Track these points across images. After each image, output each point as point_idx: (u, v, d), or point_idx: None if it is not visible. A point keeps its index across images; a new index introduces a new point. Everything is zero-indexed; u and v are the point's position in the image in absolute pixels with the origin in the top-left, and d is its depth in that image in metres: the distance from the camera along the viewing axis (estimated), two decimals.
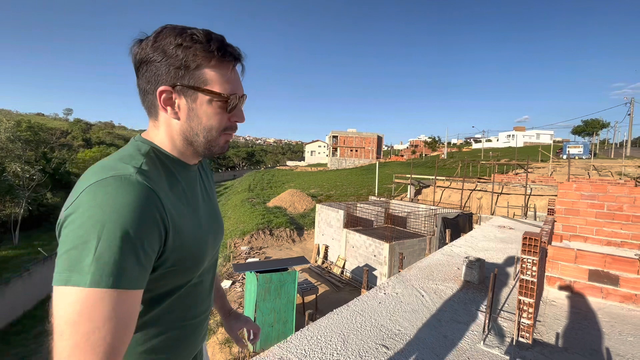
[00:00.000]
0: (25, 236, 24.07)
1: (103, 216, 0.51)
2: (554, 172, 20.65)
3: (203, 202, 0.76)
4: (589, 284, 3.23)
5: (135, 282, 0.53)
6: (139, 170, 0.58)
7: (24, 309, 14.32)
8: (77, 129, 76.97)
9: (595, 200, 5.71)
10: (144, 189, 0.55)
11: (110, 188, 0.53)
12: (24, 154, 27.23)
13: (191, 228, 0.66)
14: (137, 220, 0.52)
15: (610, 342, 2.39)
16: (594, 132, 49.21)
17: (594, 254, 3.24)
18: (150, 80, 0.64)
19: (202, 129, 0.67)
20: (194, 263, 0.68)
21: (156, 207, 0.56)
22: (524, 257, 2.38)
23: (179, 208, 0.64)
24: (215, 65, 0.65)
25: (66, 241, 0.52)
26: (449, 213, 11.62)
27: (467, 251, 4.97)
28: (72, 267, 0.50)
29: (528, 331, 2.34)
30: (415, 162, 43.61)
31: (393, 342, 2.28)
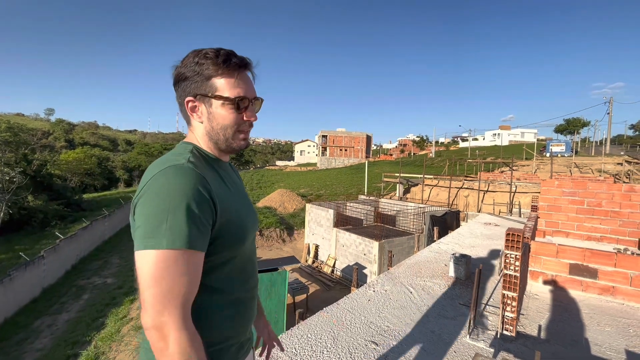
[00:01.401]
0: (5, 240, 23.26)
1: (169, 195, 0.66)
2: (537, 170, 21.21)
3: (237, 191, 0.90)
4: (569, 278, 3.35)
5: (199, 244, 0.68)
6: (188, 161, 0.74)
7: (5, 316, 13.83)
8: (60, 130, 74.71)
9: (576, 197, 5.91)
10: (195, 173, 0.70)
11: (170, 175, 0.68)
12: (3, 156, 26.29)
13: (234, 208, 0.80)
14: (194, 196, 0.67)
15: (589, 332, 2.49)
16: (575, 130, 50.75)
17: (574, 249, 3.36)
18: (181, 94, 0.82)
19: (220, 128, 0.82)
20: (240, 237, 0.81)
21: (205, 188, 0.70)
22: (507, 252, 2.46)
23: (221, 191, 0.78)
24: (223, 74, 0.79)
25: (142, 216, 0.66)
26: (436, 211, 11.81)
27: (454, 248, 5.07)
28: (151, 234, 0.64)
29: (512, 324, 2.41)
30: (404, 161, 44.06)
31: (382, 339, 2.31)
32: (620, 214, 5.42)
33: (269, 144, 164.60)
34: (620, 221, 5.40)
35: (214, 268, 0.77)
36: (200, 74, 0.79)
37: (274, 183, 35.33)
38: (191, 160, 0.74)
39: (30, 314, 14.40)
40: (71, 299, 15.75)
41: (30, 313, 14.47)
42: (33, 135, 44.51)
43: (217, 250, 0.76)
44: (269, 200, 22.85)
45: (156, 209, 0.65)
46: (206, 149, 0.85)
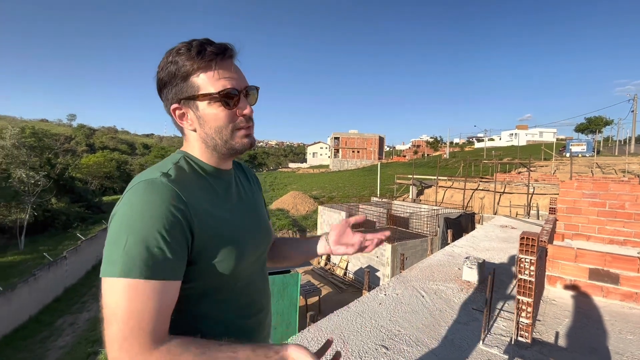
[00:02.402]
0: (30, 241, 24.26)
1: (132, 215, 0.59)
2: (557, 171, 20.55)
3: (241, 205, 0.80)
4: (589, 283, 3.23)
5: (165, 273, 0.59)
6: (164, 174, 0.65)
7: (30, 314, 14.42)
8: (81, 135, 77.61)
9: (596, 199, 5.70)
10: (167, 189, 0.62)
11: (139, 192, 0.61)
12: (28, 160, 27.45)
13: (223, 224, 0.71)
14: (160, 216, 0.59)
15: (610, 340, 2.39)
16: (597, 129, 48.90)
17: (594, 253, 3.24)
18: (166, 104, 0.73)
19: (214, 131, 0.72)
20: (233, 257, 0.70)
21: (178, 204, 0.62)
22: (522, 256, 2.40)
23: (208, 206, 0.69)
24: (200, 68, 0.68)
25: (108, 237, 0.60)
26: (451, 213, 11.60)
27: (468, 251, 4.97)
28: (108, 259, 0.57)
29: (527, 330, 2.35)
30: (417, 163, 43.53)
31: (393, 343, 2.30)
32: None
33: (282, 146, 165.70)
34: None
35: (200, 292, 0.69)
36: (177, 75, 0.68)
37: (286, 185, 35.54)
38: (168, 174, 0.66)
39: (54, 312, 14.98)
40: (91, 299, 16.29)
41: (53, 312, 15.05)
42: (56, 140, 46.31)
43: (203, 272, 0.68)
44: (281, 202, 22.99)
45: (116, 229, 0.59)
46: (202, 159, 0.75)
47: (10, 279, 15.93)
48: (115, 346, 0.55)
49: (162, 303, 0.59)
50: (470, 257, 3.66)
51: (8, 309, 13.18)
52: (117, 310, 0.55)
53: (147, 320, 0.56)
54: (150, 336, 0.56)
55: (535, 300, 2.60)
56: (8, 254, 21.35)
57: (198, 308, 0.70)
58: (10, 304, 13.34)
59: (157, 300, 0.58)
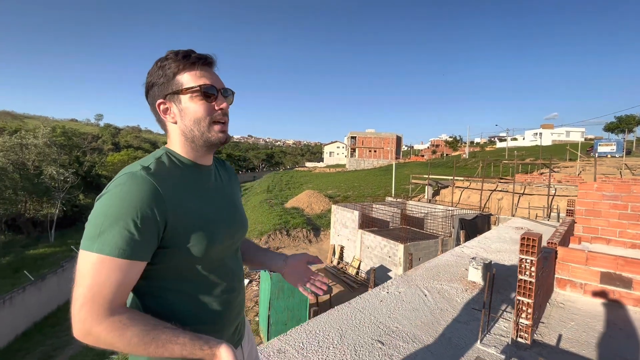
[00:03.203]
0: (60, 235, 25.61)
1: (112, 202, 0.68)
2: (582, 172, 19.65)
3: (218, 197, 0.88)
4: (600, 287, 3.14)
5: (132, 254, 0.67)
6: (144, 168, 0.74)
7: (58, 303, 15.27)
8: (107, 134, 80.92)
9: (618, 201, 5.48)
10: (145, 182, 0.71)
11: (121, 183, 0.70)
12: (59, 158, 28.96)
13: (197, 213, 0.78)
14: (135, 207, 0.68)
15: (615, 344, 2.33)
16: (628, 128, 46.25)
17: (606, 256, 3.14)
18: (152, 101, 0.83)
19: (193, 123, 0.81)
20: (204, 242, 0.78)
21: (154, 198, 0.70)
22: (522, 257, 2.37)
23: (184, 197, 0.77)
24: (185, 69, 0.80)
25: (91, 215, 0.69)
26: (466, 214, 11.35)
27: (478, 252, 4.90)
28: (87, 237, 0.67)
29: (527, 331, 2.32)
30: (435, 163, 42.70)
31: (389, 339, 2.33)
32: None
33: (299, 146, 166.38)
34: None
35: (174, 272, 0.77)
36: (165, 75, 0.79)
37: (302, 184, 35.75)
38: (148, 167, 0.74)
39: None
40: None
41: None
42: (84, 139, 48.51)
43: (175, 255, 0.75)
44: (296, 201, 23.19)
45: (98, 212, 0.67)
46: (183, 154, 0.84)
47: (41, 270, 16.90)
48: (77, 305, 0.65)
49: (124, 279, 0.67)
50: (476, 257, 3.62)
51: (38, 298, 14.02)
52: (86, 277, 0.66)
53: (107, 291, 0.66)
54: (106, 305, 0.65)
55: (537, 302, 2.57)
56: (39, 246, 22.63)
57: (172, 285, 0.78)
58: (40, 293, 14.17)
59: (119, 276, 0.67)
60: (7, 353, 11.66)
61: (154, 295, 0.77)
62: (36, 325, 13.51)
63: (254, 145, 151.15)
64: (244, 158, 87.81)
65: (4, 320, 12.01)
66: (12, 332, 12.42)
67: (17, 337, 12.54)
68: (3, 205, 23.18)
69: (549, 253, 3.17)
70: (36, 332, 13.10)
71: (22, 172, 26.06)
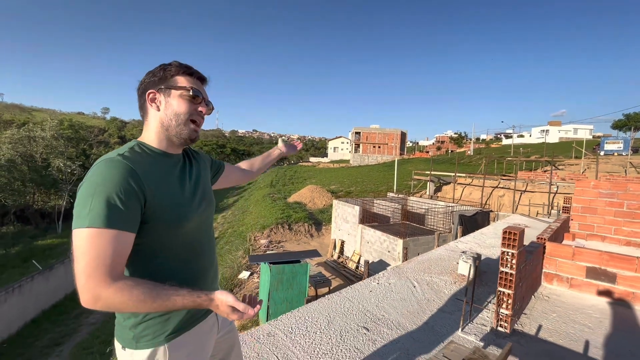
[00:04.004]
0: (67, 226, 26.07)
1: (95, 183, 0.78)
2: (587, 170, 19.49)
3: (188, 179, 1.00)
4: (586, 281, 3.22)
5: (120, 225, 0.77)
6: (120, 155, 0.85)
7: (65, 292, 15.65)
8: (114, 127, 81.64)
9: (614, 199, 5.52)
10: (121, 164, 0.81)
11: (102, 167, 0.81)
12: (66, 151, 29.37)
13: (169, 194, 0.90)
14: (117, 184, 0.78)
15: (593, 336, 2.42)
16: (636, 126, 45.53)
17: (591, 251, 3.21)
18: (143, 91, 0.96)
19: (173, 115, 0.94)
20: (177, 219, 0.90)
21: (131, 176, 0.81)
22: (504, 250, 2.46)
23: (157, 180, 0.88)
24: (184, 74, 0.96)
25: (77, 200, 0.79)
26: (467, 210, 11.40)
27: (472, 247, 4.99)
28: (78, 215, 0.77)
29: (506, 321, 2.43)
30: (440, 159, 42.52)
31: (374, 325, 2.45)
32: None
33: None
34: None
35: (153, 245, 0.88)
36: (165, 74, 0.94)
37: (306, 179, 35.86)
38: (124, 154, 0.85)
39: None
40: None
41: None
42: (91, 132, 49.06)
43: (153, 229, 0.86)
44: (299, 196, 23.33)
45: (84, 194, 0.77)
46: (155, 145, 0.95)
47: (49, 260, 17.31)
48: (83, 277, 0.74)
49: (118, 248, 0.78)
50: (467, 251, 3.71)
51: (46, 286, 14.39)
52: (85, 251, 0.74)
53: (107, 260, 0.75)
54: (109, 272, 0.75)
55: (519, 293, 2.66)
56: (47, 237, 23.11)
57: (153, 257, 0.89)
58: (48, 282, 14.54)
59: (114, 245, 0.77)
60: (17, 339, 12.05)
61: (141, 267, 0.88)
62: (44, 313, 13.90)
63: (259, 139, 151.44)
64: (249, 152, 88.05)
65: (14, 307, 12.38)
66: (21, 320, 12.80)
67: (26, 324, 12.92)
68: (12, 197, 23.66)
69: (536, 248, 3.26)
70: (44, 319, 13.49)
71: (30, 164, 26.50)
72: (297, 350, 2.09)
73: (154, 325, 0.89)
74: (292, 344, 2.16)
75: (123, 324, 0.90)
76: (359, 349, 2.13)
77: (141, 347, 0.88)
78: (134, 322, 0.88)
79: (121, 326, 0.91)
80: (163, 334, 0.90)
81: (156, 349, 0.89)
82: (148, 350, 0.88)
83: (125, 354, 0.90)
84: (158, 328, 0.89)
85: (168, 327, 0.91)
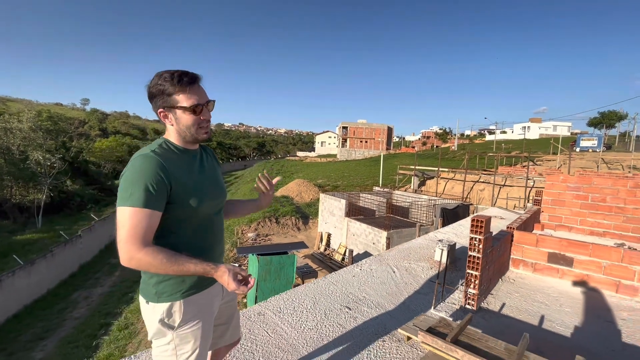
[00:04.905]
0: (48, 221, 25.38)
1: (134, 174, 1.01)
2: (563, 165, 20.40)
3: (203, 171, 1.21)
4: (547, 265, 3.56)
5: (152, 205, 1.01)
6: (152, 151, 1.07)
7: (48, 287, 15.38)
8: (94, 119, 79.01)
9: (580, 192, 5.93)
10: (155, 159, 1.04)
11: (139, 160, 1.03)
12: (45, 143, 28.39)
13: (189, 181, 1.12)
14: (150, 175, 1.01)
15: (548, 311, 2.74)
16: (611, 124, 47.65)
17: (552, 239, 3.55)
18: (155, 107, 1.14)
19: (185, 128, 1.14)
20: (195, 201, 1.11)
21: (161, 168, 1.03)
22: (472, 236, 2.74)
23: (179, 170, 1.10)
24: (179, 91, 1.09)
25: (121, 185, 1.02)
26: (448, 204, 11.85)
27: (450, 237, 5.30)
28: (122, 197, 1.00)
29: (473, 299, 2.71)
30: (425, 154, 43.36)
31: (356, 305, 2.69)
32: (625, 209, 5.43)
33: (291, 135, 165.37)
34: (624, 217, 5.42)
35: (176, 221, 1.10)
36: (164, 93, 1.09)
37: (293, 173, 35.94)
38: (156, 151, 1.08)
39: (69, 286, 15.92)
40: (105, 275, 17.20)
41: (69, 286, 15.98)
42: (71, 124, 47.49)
43: (177, 209, 1.09)
44: (286, 190, 23.47)
45: (127, 182, 1.00)
46: (176, 142, 1.17)
47: (29, 255, 16.91)
48: (123, 241, 0.97)
49: (150, 222, 1.01)
50: (443, 240, 4.00)
51: (28, 282, 14.11)
52: (125, 223, 0.98)
53: (141, 231, 0.98)
54: (141, 239, 0.98)
55: (486, 275, 2.95)
56: (27, 232, 22.45)
57: (174, 230, 1.12)
58: (30, 277, 14.25)
59: (147, 220, 1.00)
60: None
61: (165, 237, 1.10)
62: (26, 308, 13.66)
63: (245, 133, 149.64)
64: (235, 146, 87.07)
65: None
66: (2, 315, 12.56)
67: (7, 320, 12.69)
68: None
69: (504, 235, 3.57)
70: (27, 314, 13.26)
71: (7, 156, 25.56)
72: (285, 327, 2.30)
73: (172, 284, 1.11)
74: (281, 322, 2.37)
75: (148, 282, 1.11)
76: (341, 324, 2.36)
77: (162, 301, 1.10)
78: (157, 281, 1.10)
79: (146, 284, 1.12)
80: (179, 291, 1.12)
81: (173, 303, 1.11)
82: (167, 304, 1.10)
83: (148, 307, 1.11)
84: (175, 287, 1.11)
85: (183, 286, 1.13)
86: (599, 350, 2.19)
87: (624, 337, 2.36)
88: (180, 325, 1.12)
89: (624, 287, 3.12)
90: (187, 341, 1.13)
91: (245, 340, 2.11)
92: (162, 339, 1.12)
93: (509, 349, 1.63)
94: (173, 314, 1.11)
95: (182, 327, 1.12)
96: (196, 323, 1.15)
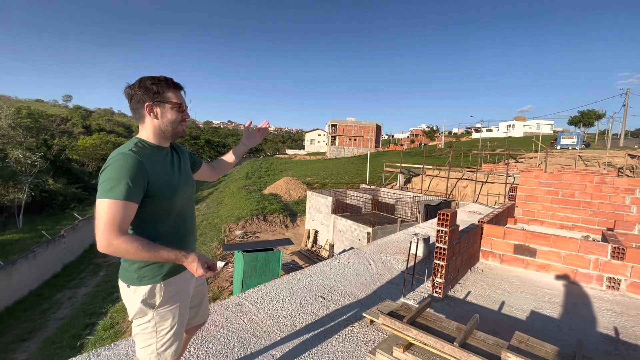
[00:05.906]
0: (29, 221, 24.75)
1: (114, 170, 1.11)
2: (542, 163, 21.08)
3: (175, 166, 1.34)
4: (513, 256, 3.78)
5: (130, 198, 1.12)
6: (130, 150, 1.18)
7: (30, 288, 15.07)
8: (77, 116, 76.82)
9: (551, 188, 6.23)
10: (133, 157, 1.15)
11: (119, 157, 1.14)
12: (25, 141, 27.59)
13: (164, 176, 1.25)
14: (130, 171, 1.12)
15: (509, 298, 2.95)
16: (590, 122, 49.37)
17: (518, 231, 3.77)
18: (139, 102, 1.25)
19: (168, 122, 1.28)
20: (169, 194, 1.25)
21: (139, 165, 1.15)
22: (439, 228, 2.92)
23: (155, 167, 1.22)
24: (170, 90, 1.28)
25: (101, 180, 1.13)
26: (432, 200, 12.17)
27: (428, 232, 5.51)
28: (103, 190, 1.10)
29: (440, 287, 2.89)
30: (413, 152, 43.95)
31: (330, 295, 2.84)
32: (591, 204, 5.74)
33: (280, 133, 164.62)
34: (591, 211, 5.73)
35: (152, 212, 1.23)
36: (158, 91, 1.24)
37: (282, 171, 35.94)
38: (133, 149, 1.19)
39: (53, 287, 15.63)
40: (89, 275, 16.95)
41: (52, 286, 15.69)
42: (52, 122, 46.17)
43: (153, 201, 1.21)
44: (274, 188, 23.51)
45: (107, 177, 1.11)
46: (151, 140, 1.29)
47: (9, 256, 16.50)
48: (101, 229, 1.07)
49: (126, 213, 1.12)
50: (418, 234, 4.19)
51: (9, 283, 13.79)
52: (104, 213, 1.08)
53: (119, 220, 1.09)
54: (119, 228, 1.09)
55: (453, 265, 3.14)
56: (7, 233, 21.85)
57: (153, 221, 1.25)
58: (11, 278, 13.94)
59: (124, 211, 1.11)
60: None
61: (144, 228, 1.23)
62: (8, 310, 13.37)
63: (234, 131, 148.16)
64: (224, 144, 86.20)
65: None
66: None
67: None
68: None
69: (473, 228, 3.78)
70: (8, 316, 12.98)
71: None
72: (261, 315, 2.43)
73: (153, 269, 1.24)
74: (257, 311, 2.50)
75: (129, 268, 1.23)
76: (315, 313, 2.50)
77: (143, 284, 1.22)
78: (138, 266, 1.22)
79: (126, 270, 1.24)
80: (159, 275, 1.25)
81: (155, 285, 1.24)
82: (148, 286, 1.23)
83: (129, 290, 1.23)
84: (156, 271, 1.25)
85: (163, 271, 1.26)
86: (547, 330, 2.40)
87: (573, 319, 2.59)
88: (160, 304, 1.25)
89: (581, 274, 3.37)
90: (166, 318, 1.27)
91: (222, 328, 2.23)
92: (143, 318, 1.25)
93: (459, 327, 1.80)
94: (155, 295, 1.24)
95: (162, 307, 1.26)
96: (174, 302, 1.29)
